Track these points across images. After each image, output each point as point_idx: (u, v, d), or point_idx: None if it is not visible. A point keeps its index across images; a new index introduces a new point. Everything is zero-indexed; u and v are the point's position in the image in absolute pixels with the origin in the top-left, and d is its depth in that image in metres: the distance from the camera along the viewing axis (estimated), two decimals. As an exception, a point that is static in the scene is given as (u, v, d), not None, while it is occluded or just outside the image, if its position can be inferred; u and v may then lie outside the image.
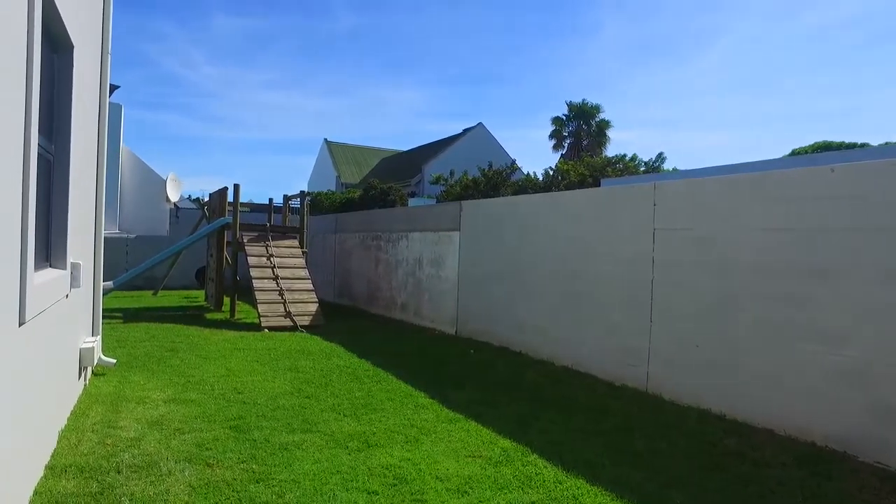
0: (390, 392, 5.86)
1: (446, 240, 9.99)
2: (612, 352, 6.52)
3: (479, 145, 34.00)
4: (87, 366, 5.08)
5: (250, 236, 11.27)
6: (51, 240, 3.93)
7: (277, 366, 6.86)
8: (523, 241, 8.18)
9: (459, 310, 9.56)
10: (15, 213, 2.60)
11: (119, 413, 4.79)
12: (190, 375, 6.21)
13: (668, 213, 5.93)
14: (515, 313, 8.26)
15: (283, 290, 10.28)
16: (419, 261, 10.71)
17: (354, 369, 6.82)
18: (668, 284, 5.88)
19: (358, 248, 13.11)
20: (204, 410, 4.99)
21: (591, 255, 6.95)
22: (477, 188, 22.49)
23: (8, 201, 2.48)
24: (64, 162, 3.98)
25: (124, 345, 7.75)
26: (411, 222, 11.13)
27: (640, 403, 5.66)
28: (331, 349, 8.00)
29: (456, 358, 7.73)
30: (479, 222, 9.23)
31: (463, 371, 6.95)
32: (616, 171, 22.13)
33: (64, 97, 3.98)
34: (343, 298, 13.76)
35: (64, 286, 3.94)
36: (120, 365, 6.48)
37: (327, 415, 5.03)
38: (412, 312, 10.88)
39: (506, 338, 8.40)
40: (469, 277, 9.36)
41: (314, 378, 6.33)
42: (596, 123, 38.47)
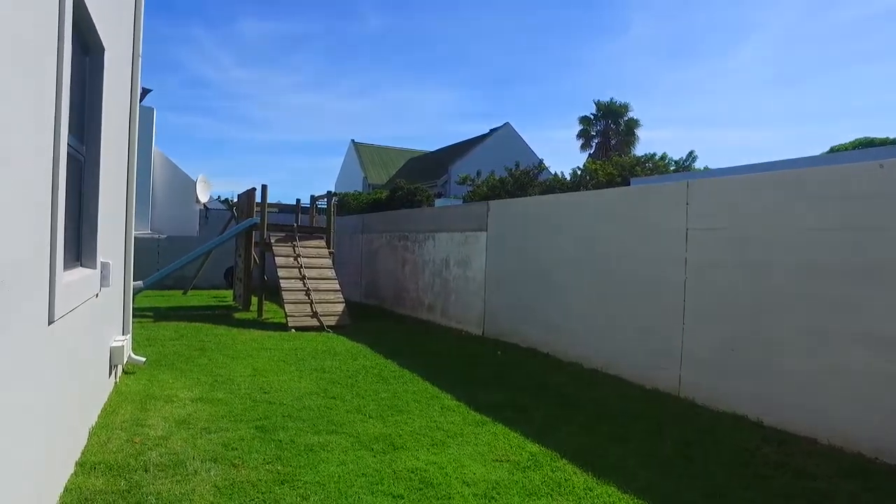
0: (416, 393, 5.80)
1: (473, 240, 9.90)
2: (643, 354, 6.36)
3: (506, 145, 33.80)
4: (117, 364, 5.13)
5: (278, 237, 11.34)
6: (81, 239, 3.97)
7: (304, 366, 6.86)
8: (552, 242, 8.06)
9: (486, 310, 9.46)
10: (43, 214, 2.60)
11: (147, 411, 4.83)
12: (217, 374, 6.24)
13: (701, 212, 5.76)
14: (543, 314, 8.14)
15: (309, 291, 10.31)
16: (446, 261, 10.65)
17: (380, 370, 6.78)
18: (701, 286, 5.71)
19: (384, 249, 13.11)
20: (230, 410, 4.99)
21: (621, 255, 6.80)
22: (504, 188, 22.37)
23: (36, 201, 2.48)
24: (94, 163, 4.01)
25: (154, 343, 7.85)
26: (438, 222, 11.07)
27: (672, 408, 5.50)
28: (357, 349, 7.99)
29: (483, 359, 7.65)
30: (507, 222, 9.13)
31: (490, 372, 6.86)
32: (645, 170, 21.80)
33: (94, 99, 4.01)
34: (370, 299, 13.77)
35: (94, 285, 3.97)
36: (149, 363, 6.55)
37: (353, 416, 4.99)
38: (439, 313, 10.82)
39: (533, 339, 8.28)
40: (496, 278, 9.27)
41: (340, 378, 6.30)
42: (624, 122, 38.05)
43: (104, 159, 4.18)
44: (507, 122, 36.34)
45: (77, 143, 3.85)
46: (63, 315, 2.95)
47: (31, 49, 2.31)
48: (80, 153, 3.91)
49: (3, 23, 1.93)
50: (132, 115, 5.92)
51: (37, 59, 2.41)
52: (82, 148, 3.92)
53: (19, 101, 2.16)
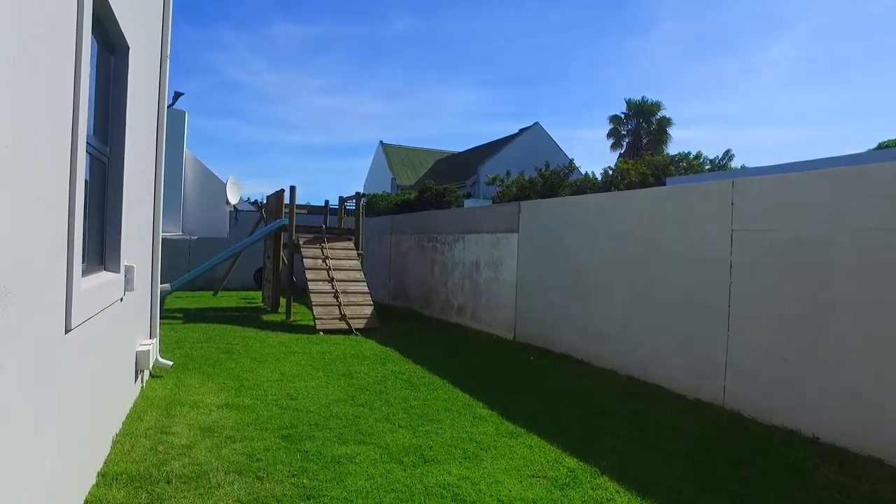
0: (447, 401, 5.60)
1: (504, 241, 9.67)
2: (683, 362, 6.06)
3: (535, 145, 33.39)
4: (143, 369, 5.05)
5: (306, 238, 11.27)
6: (105, 243, 3.87)
7: (331, 371, 6.72)
8: (586, 243, 7.78)
9: (518, 314, 9.22)
10: (59, 218, 2.48)
11: (172, 418, 4.72)
12: (244, 379, 6.14)
13: (748, 212, 5.44)
14: (577, 319, 7.87)
15: (338, 293, 10.21)
16: (476, 263, 10.43)
17: (410, 376, 6.60)
18: (748, 291, 5.39)
19: (413, 250, 12.95)
20: (256, 417, 4.86)
21: (660, 258, 6.50)
22: (534, 189, 22.05)
23: (51, 204, 2.36)
24: (118, 164, 3.91)
25: (182, 346, 7.81)
26: (468, 224, 10.86)
27: (717, 420, 5.20)
28: (385, 354, 7.83)
29: (515, 364, 7.41)
30: (539, 223, 8.87)
31: (523, 379, 6.63)
32: (679, 169, 21.24)
33: (119, 99, 3.91)
34: (398, 301, 13.63)
35: (117, 290, 3.87)
36: (177, 367, 6.48)
37: (381, 425, 4.81)
38: (469, 316, 10.61)
39: (567, 344, 8.02)
40: (528, 280, 9.02)
41: (368, 385, 6.14)
42: (656, 121, 37.26)
43: (129, 161, 4.08)
44: (537, 122, 35.93)
45: (100, 145, 3.75)
46: (82, 322, 2.83)
47: (44, 42, 2.18)
48: (104, 154, 3.81)
49: (15, 15, 1.78)
50: (160, 116, 5.85)
51: (51, 52, 2.28)
52: (106, 149, 3.82)
53: (31, 98, 2.03)
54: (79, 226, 2.68)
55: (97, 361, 3.46)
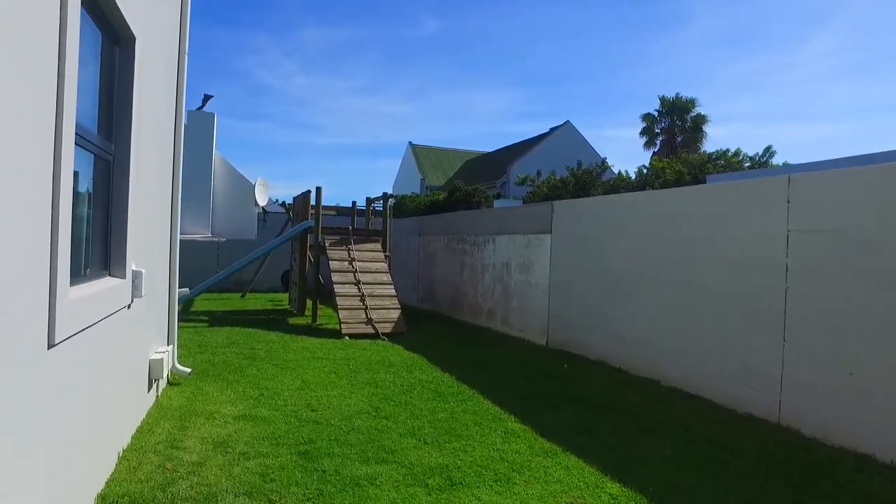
0: (476, 414, 5.25)
1: (536, 243, 9.27)
2: (730, 373, 5.58)
3: (566, 144, 32.76)
4: (156, 378, 4.81)
5: (332, 240, 11.04)
6: (110, 246, 3.63)
7: (355, 379, 6.42)
8: (622, 244, 7.34)
9: (550, 318, 8.81)
10: (40, 221, 2.21)
11: (186, 430, 4.47)
12: (264, 387, 5.88)
13: (808, 211, 4.95)
14: (613, 324, 7.43)
15: (364, 296, 9.93)
16: (507, 265, 10.05)
17: (437, 385, 6.26)
18: (807, 296, 4.90)
19: (442, 252, 12.62)
20: (273, 430, 4.58)
21: (703, 260, 6.04)
22: (565, 189, 21.52)
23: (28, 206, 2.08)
24: (124, 163, 3.66)
25: (205, 350, 7.61)
26: (498, 224, 10.49)
27: (772, 438, 4.72)
28: (412, 360, 7.50)
29: (548, 373, 7.01)
30: (573, 224, 8.45)
31: (557, 389, 6.23)
32: (717, 167, 20.47)
33: (124, 93, 3.67)
34: (427, 303, 13.31)
35: (123, 296, 3.62)
36: (197, 373, 6.27)
37: (406, 441, 4.48)
38: (499, 320, 10.23)
39: (602, 350, 7.58)
40: (561, 283, 8.60)
41: (393, 395, 5.82)
42: (691, 118, 36.22)
43: (137, 159, 3.83)
44: (568, 121, 35.30)
45: (104, 142, 3.51)
46: (71, 335, 2.56)
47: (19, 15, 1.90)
48: (108, 152, 3.57)
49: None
50: (178, 115, 5.64)
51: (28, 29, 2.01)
52: (110, 146, 3.58)
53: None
54: (64, 229, 2.41)
55: (97, 375, 3.20)
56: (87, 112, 3.39)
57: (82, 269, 3.38)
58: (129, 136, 3.64)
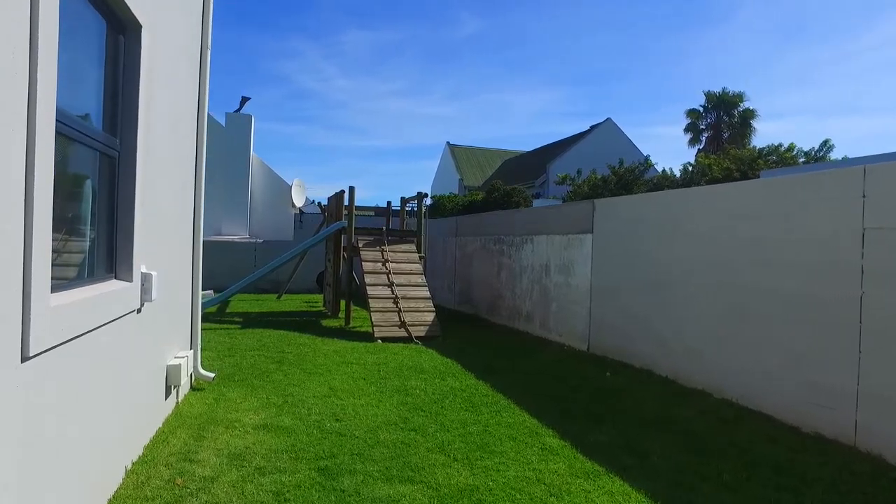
0: (511, 427, 4.87)
1: (577, 243, 8.82)
2: (795, 387, 5.06)
3: (607, 142, 31.89)
4: (174, 385, 4.60)
5: (366, 241, 10.80)
6: (116, 248, 3.40)
7: (385, 386, 6.12)
8: (671, 245, 6.85)
9: (592, 323, 8.36)
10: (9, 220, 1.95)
11: (202, 440, 4.23)
12: (290, 394, 5.63)
13: (885, 206, 4.41)
14: (661, 330, 6.94)
15: (397, 298, 9.65)
16: (546, 267, 9.62)
17: (471, 393, 5.91)
18: (889, 303, 4.36)
19: (479, 253, 12.26)
20: (294, 443, 4.30)
21: (762, 262, 5.52)
22: (607, 187, 20.88)
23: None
24: (130, 159, 3.43)
25: (234, 353, 7.44)
26: (537, 224, 10.07)
27: (848, 465, 4.17)
28: (446, 366, 7.17)
29: (590, 382, 6.58)
30: (616, 223, 7.98)
31: (599, 401, 5.80)
32: (769, 163, 19.50)
33: (130, 84, 3.44)
34: (463, 306, 12.97)
35: (129, 300, 3.40)
36: (222, 377, 6.08)
37: (434, 457, 4.14)
38: (538, 324, 9.81)
39: (649, 359, 7.10)
40: (604, 287, 8.14)
41: (424, 404, 5.50)
42: (738, 113, 34.87)
43: (146, 156, 3.61)
44: (609, 118, 34.36)
45: (108, 138, 3.28)
46: (54, 346, 2.32)
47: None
48: (113, 148, 3.34)
49: None
50: (200, 111, 5.44)
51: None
52: (115, 142, 3.35)
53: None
54: (41, 229, 2.16)
55: (96, 386, 2.97)
56: (90, 106, 3.17)
57: (85, 272, 3.16)
58: (136, 130, 3.42)
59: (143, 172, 3.53)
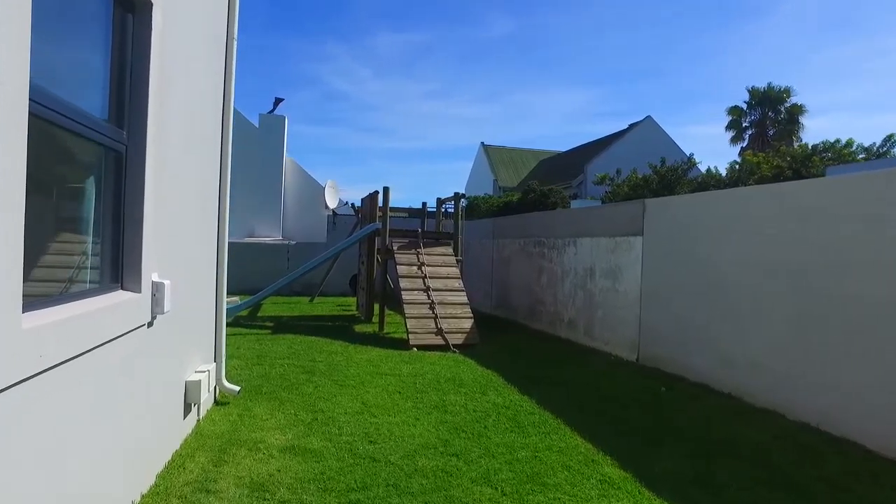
0: (563, 452, 4.36)
1: (625, 246, 8.23)
2: (893, 412, 4.42)
3: (647, 141, 30.85)
4: (193, 402, 4.23)
5: (400, 243, 10.38)
6: (123, 255, 3.02)
7: (422, 401, 5.67)
8: (734, 248, 6.23)
9: (642, 332, 7.76)
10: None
11: (222, 466, 3.84)
12: (319, 410, 5.23)
13: None
14: (721, 341, 6.32)
15: (434, 304, 9.20)
16: (590, 271, 9.05)
17: (515, 411, 5.41)
18: None
19: (518, 256, 11.73)
20: (322, 469, 3.88)
21: (843, 267, 4.90)
22: (648, 188, 20.06)
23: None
24: (139, 154, 3.05)
25: (263, 362, 7.09)
26: (580, 226, 9.50)
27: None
28: (486, 379, 6.68)
29: (642, 397, 6.01)
30: (669, 224, 7.38)
31: (657, 419, 5.24)
32: (824, 160, 18.43)
33: (139, 69, 3.06)
34: (501, 311, 12.45)
35: (137, 313, 3.01)
36: (249, 389, 5.72)
37: (479, 490, 3.66)
38: (581, 331, 9.24)
39: (707, 372, 6.49)
40: (655, 292, 7.54)
41: (465, 423, 5.02)
42: (785, 109, 33.44)
43: (157, 151, 3.23)
44: (649, 116, 33.31)
45: (113, 129, 2.91)
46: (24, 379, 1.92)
47: None
48: (120, 141, 2.96)
49: None
50: (226, 106, 5.08)
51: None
52: (121, 134, 2.97)
53: None
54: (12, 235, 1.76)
55: (94, 416, 2.58)
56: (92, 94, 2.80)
57: (87, 283, 2.79)
58: (145, 122, 3.03)
59: (154, 169, 3.15)
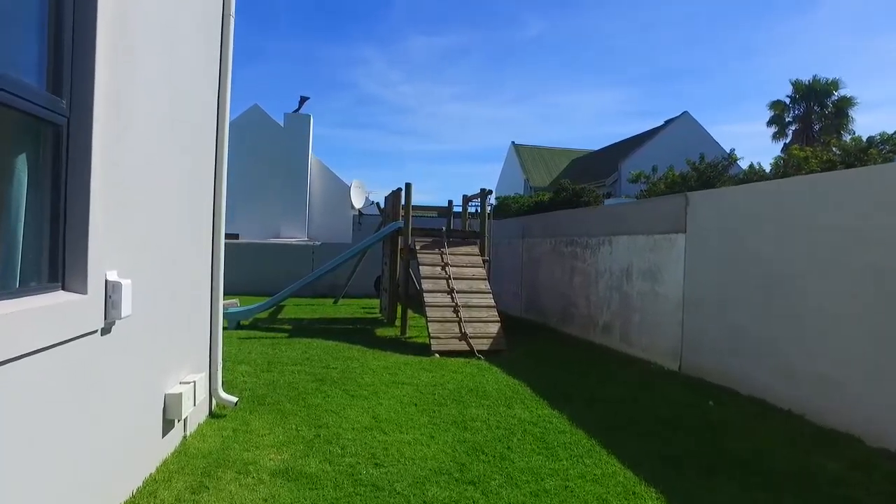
0: (599, 482, 3.73)
1: (665, 245, 7.53)
2: None
3: (684, 137, 29.67)
4: (175, 418, 3.72)
5: (424, 242, 9.83)
6: (64, 248, 2.52)
7: (439, 415, 5.09)
8: (795, 247, 5.50)
9: (685, 338, 7.05)
10: None
11: (201, 493, 3.32)
12: (325, 424, 4.69)
13: None
14: (780, 351, 5.59)
15: (458, 307, 8.62)
16: (627, 272, 8.35)
17: (544, 429, 4.79)
18: None
19: (548, 256, 11.07)
20: (315, 500, 3.32)
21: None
22: (686, 185, 19.13)
23: None
24: (83, 127, 2.54)
25: (273, 368, 6.61)
26: (616, 224, 8.81)
27: None
28: (513, 389, 6.07)
29: (689, 414, 5.32)
30: (719, 219, 6.66)
31: (707, 441, 4.56)
32: (882, 154, 17.23)
33: (83, 27, 2.55)
34: (530, 313, 11.80)
35: (83, 318, 2.51)
36: (252, 399, 5.23)
37: (498, 531, 3.07)
38: (617, 336, 8.55)
39: (762, 385, 5.76)
40: (700, 295, 6.82)
41: (486, 442, 4.42)
42: (832, 103, 31.75)
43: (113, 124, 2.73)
44: (686, 112, 32.13)
45: (49, 98, 2.41)
46: None
47: None
48: (58, 112, 2.46)
49: None
50: (222, 83, 4.60)
51: None
52: (59, 104, 2.47)
53: None
54: None
55: (13, 448, 2.08)
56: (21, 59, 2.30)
57: (16, 281, 2.29)
58: (92, 91, 2.52)
59: (107, 150, 2.64)
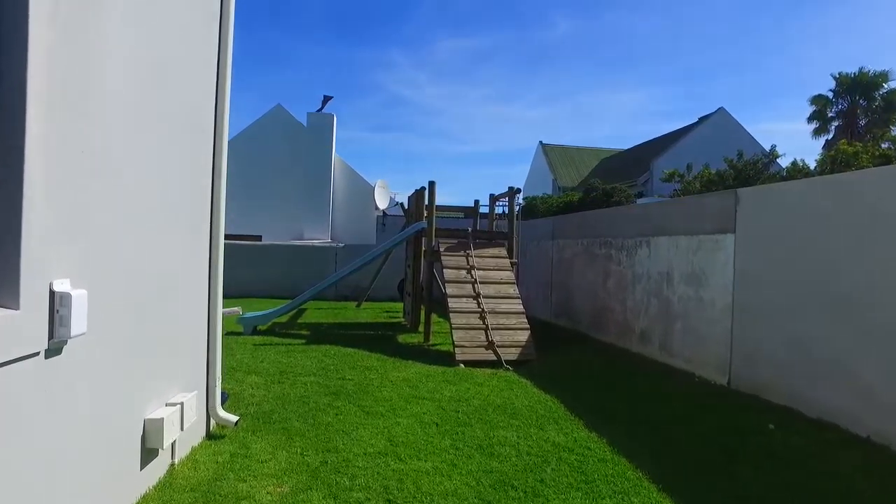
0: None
1: (711, 246, 6.85)
2: None
3: (720, 134, 28.54)
4: (157, 446, 3.23)
5: (448, 244, 9.29)
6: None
7: (463, 438, 4.53)
8: (871, 250, 4.81)
9: (735, 350, 6.37)
10: None
11: (183, 542, 2.83)
12: (334, 448, 4.17)
13: None
14: (853, 369, 4.90)
15: (485, 313, 8.05)
16: (667, 275, 7.69)
17: (582, 456, 4.19)
18: None
19: (581, 258, 10.42)
20: (315, 551, 2.81)
21: None
22: (723, 184, 18.26)
23: None
24: (12, 98, 2.05)
25: (284, 379, 6.13)
26: (654, 223, 8.14)
27: None
28: (544, 406, 5.48)
29: (749, 440, 4.66)
30: (772, 219, 5.98)
31: (775, 475, 3.91)
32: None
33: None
34: (561, 319, 11.15)
35: (10, 339, 2.02)
36: (257, 415, 4.75)
37: None
38: (656, 345, 7.88)
39: (832, 407, 5.06)
40: (753, 302, 6.14)
41: (515, 473, 3.85)
42: (881, 96, 30.20)
43: (51, 78, 2.24)
44: (722, 108, 31.00)
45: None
46: None
47: None
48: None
49: None
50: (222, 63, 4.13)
51: None
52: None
53: None
54: None
55: None
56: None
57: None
58: (25, 47, 2.03)
59: (45, 121, 2.15)
